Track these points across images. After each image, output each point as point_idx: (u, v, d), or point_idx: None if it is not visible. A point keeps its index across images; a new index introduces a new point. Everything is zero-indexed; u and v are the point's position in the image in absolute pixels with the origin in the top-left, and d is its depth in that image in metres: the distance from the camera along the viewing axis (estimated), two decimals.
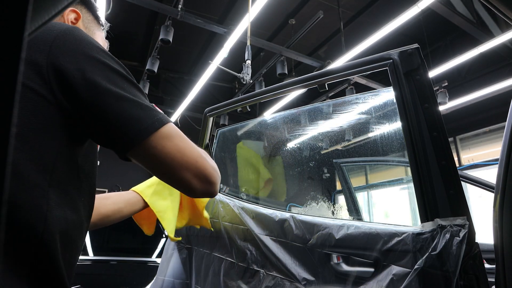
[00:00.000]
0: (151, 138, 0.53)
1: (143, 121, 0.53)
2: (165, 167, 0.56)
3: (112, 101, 0.52)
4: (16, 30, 0.17)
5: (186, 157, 0.57)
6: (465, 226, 0.80)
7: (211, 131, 1.75)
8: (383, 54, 1.06)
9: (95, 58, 0.54)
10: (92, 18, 0.82)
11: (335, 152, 2.63)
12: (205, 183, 0.59)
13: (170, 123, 0.58)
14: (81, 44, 0.54)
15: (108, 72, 0.54)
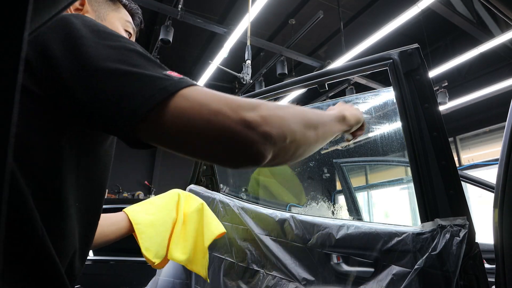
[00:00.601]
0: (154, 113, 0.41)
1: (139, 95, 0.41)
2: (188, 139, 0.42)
3: (107, 80, 0.43)
4: (16, 30, 0.17)
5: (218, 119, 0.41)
6: (465, 226, 0.80)
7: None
8: (383, 54, 1.06)
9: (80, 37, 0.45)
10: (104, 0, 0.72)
11: (335, 152, 2.63)
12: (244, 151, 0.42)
13: (190, 87, 0.43)
14: (67, 27, 0.46)
15: (99, 49, 0.45)
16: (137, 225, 0.97)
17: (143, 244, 1.00)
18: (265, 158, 0.43)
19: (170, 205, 1.16)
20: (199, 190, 1.65)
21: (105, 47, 0.45)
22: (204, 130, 0.41)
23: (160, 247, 1.05)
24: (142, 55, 0.49)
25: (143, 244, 1.00)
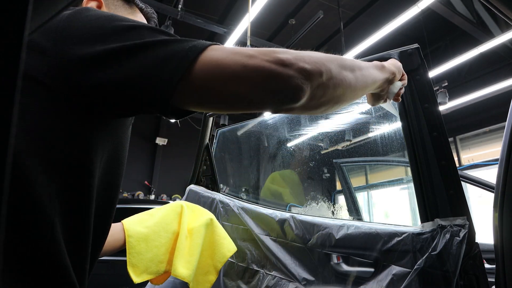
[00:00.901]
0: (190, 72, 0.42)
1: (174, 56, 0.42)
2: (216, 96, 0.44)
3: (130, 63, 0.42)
4: (16, 30, 0.17)
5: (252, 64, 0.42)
6: (465, 226, 0.80)
7: (211, 131, 1.75)
8: (383, 54, 1.06)
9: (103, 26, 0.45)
10: (121, 3, 0.71)
11: (335, 152, 2.63)
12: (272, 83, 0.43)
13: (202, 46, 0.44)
14: (89, 19, 0.46)
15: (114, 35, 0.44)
16: (129, 237, 0.93)
17: (130, 260, 0.95)
18: (304, 92, 0.44)
19: (170, 217, 1.09)
20: (199, 190, 1.65)
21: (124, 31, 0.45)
22: (241, 74, 0.42)
23: (152, 263, 0.99)
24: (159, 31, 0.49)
25: (130, 260, 0.95)
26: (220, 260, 1.12)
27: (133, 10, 0.73)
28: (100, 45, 0.43)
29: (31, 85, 0.42)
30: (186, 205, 1.15)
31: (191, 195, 1.64)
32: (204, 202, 1.59)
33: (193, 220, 1.15)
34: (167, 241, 1.04)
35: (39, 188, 0.42)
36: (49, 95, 0.43)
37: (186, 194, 1.63)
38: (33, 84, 0.42)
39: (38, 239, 0.43)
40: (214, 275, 1.11)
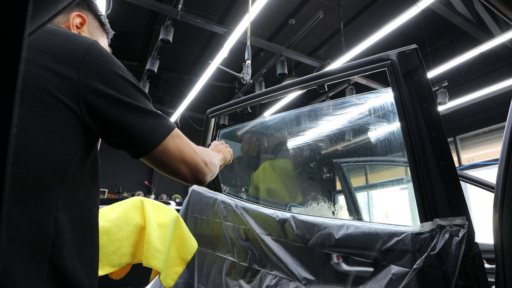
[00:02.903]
0: (161, 145, 0.64)
1: (155, 130, 0.63)
2: (168, 164, 0.67)
3: (130, 114, 0.61)
4: (16, 30, 0.17)
5: (185, 158, 0.69)
6: (464, 226, 0.80)
7: (213, 131, 1.76)
8: (381, 55, 1.06)
9: (117, 74, 0.62)
10: (97, 24, 0.85)
11: (335, 152, 2.63)
12: (193, 172, 0.72)
13: (174, 127, 0.69)
14: (105, 60, 0.61)
15: (126, 87, 0.62)
16: None
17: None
18: (207, 180, 0.77)
19: (131, 212, 1.12)
20: (201, 190, 1.66)
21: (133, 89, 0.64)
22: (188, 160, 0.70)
23: (114, 255, 1.01)
24: (146, 96, 0.68)
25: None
26: (190, 251, 1.20)
27: (104, 33, 0.88)
28: (114, 91, 0.60)
29: (53, 102, 0.54)
30: (147, 200, 1.20)
31: (194, 196, 1.64)
32: (207, 203, 1.60)
33: (159, 215, 1.21)
34: (129, 234, 1.08)
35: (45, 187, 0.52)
36: (66, 112, 0.55)
37: (189, 195, 1.64)
38: (56, 101, 0.54)
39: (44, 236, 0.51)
40: (182, 267, 1.18)
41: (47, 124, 0.53)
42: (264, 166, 2.41)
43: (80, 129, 0.57)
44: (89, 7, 0.82)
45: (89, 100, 0.57)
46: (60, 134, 0.54)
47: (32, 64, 0.55)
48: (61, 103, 0.54)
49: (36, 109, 0.52)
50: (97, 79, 0.58)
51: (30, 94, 0.52)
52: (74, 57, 0.57)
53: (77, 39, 0.61)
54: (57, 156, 0.53)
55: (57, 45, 0.58)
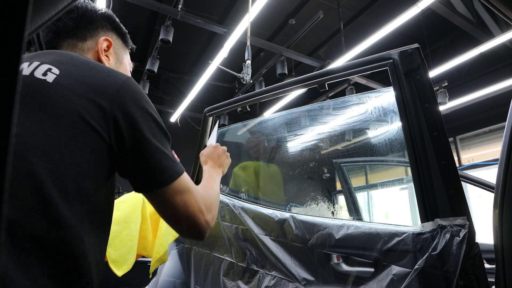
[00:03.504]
0: (167, 187, 0.65)
1: (166, 171, 0.65)
2: (169, 211, 0.68)
3: (150, 151, 0.64)
4: (16, 30, 0.17)
5: (188, 212, 0.68)
6: (465, 226, 0.80)
7: (210, 131, 1.75)
8: (383, 54, 1.06)
9: (146, 111, 0.66)
10: (121, 43, 0.89)
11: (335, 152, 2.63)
12: (195, 233, 0.70)
13: (184, 173, 0.70)
14: (138, 96, 0.66)
15: (152, 125, 0.66)
16: None
17: (109, 256, 1.03)
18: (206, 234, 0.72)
19: (137, 211, 1.20)
20: None
21: (157, 128, 0.67)
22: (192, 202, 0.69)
23: (129, 255, 1.09)
24: (167, 138, 0.70)
25: (110, 257, 1.03)
26: (174, 235, 1.31)
27: (127, 49, 0.93)
28: (141, 125, 0.64)
29: (87, 129, 0.58)
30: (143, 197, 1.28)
31: None
32: None
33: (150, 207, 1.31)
34: (137, 233, 1.16)
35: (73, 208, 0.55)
36: (98, 139, 0.59)
37: None
38: (89, 128, 0.58)
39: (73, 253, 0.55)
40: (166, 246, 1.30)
41: (80, 149, 0.57)
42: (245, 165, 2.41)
43: (106, 155, 0.61)
44: (112, 27, 0.86)
45: (117, 129, 0.61)
46: (90, 159, 0.58)
47: (74, 93, 0.59)
48: (94, 131, 0.58)
49: (72, 135, 0.56)
50: (127, 111, 0.62)
51: (69, 120, 0.57)
52: (110, 90, 0.62)
53: (115, 74, 0.66)
54: (86, 179, 0.58)
55: (97, 78, 0.63)
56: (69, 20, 0.78)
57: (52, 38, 0.78)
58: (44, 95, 0.58)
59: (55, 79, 0.60)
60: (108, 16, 0.86)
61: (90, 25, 0.81)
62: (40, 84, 0.59)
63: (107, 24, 0.85)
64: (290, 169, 2.75)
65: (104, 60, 0.81)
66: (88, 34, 0.80)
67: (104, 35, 0.83)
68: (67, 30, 0.78)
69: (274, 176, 2.52)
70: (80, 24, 0.79)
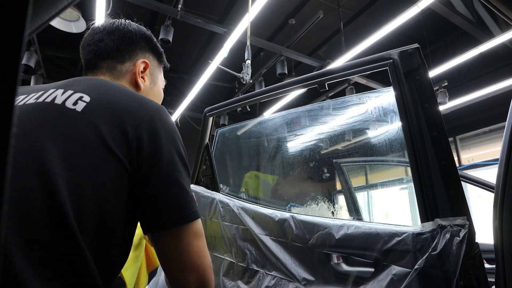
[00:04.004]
0: (184, 227, 0.62)
1: (185, 209, 0.62)
2: (179, 257, 0.62)
3: (173, 187, 0.62)
4: (16, 30, 0.17)
5: (199, 262, 0.62)
6: (465, 226, 0.80)
7: (210, 131, 1.75)
8: (383, 54, 1.06)
9: (173, 145, 0.64)
10: (157, 63, 0.90)
11: (335, 152, 2.63)
12: (199, 283, 0.62)
13: (200, 218, 0.66)
14: (164, 128, 0.64)
15: (178, 160, 0.64)
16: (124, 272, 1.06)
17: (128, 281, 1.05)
18: None
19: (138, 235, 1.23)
20: (199, 190, 1.65)
21: (181, 164, 0.65)
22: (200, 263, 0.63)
23: (144, 277, 1.14)
24: (188, 174, 0.67)
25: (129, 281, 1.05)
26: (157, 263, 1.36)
27: (161, 67, 0.92)
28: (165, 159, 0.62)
29: (110, 157, 0.57)
30: None
31: None
32: (204, 202, 1.59)
33: None
34: (143, 255, 1.20)
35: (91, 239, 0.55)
36: (119, 167, 0.58)
37: None
38: (112, 156, 0.57)
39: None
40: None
41: (104, 181, 0.56)
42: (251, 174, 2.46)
43: (127, 186, 0.59)
44: (150, 47, 0.87)
45: (141, 162, 0.60)
46: (113, 191, 0.57)
47: (101, 120, 0.59)
48: (116, 159, 0.57)
49: (93, 162, 0.56)
50: (154, 144, 0.61)
51: (91, 147, 0.56)
52: (138, 118, 0.61)
53: (146, 102, 0.65)
54: (109, 211, 0.57)
55: (127, 104, 0.63)
56: (110, 41, 0.79)
57: (93, 58, 0.79)
58: (72, 125, 0.58)
59: (84, 107, 0.60)
60: (147, 37, 0.86)
61: (129, 47, 0.82)
62: (70, 115, 0.59)
63: (146, 45, 0.86)
64: (290, 169, 2.75)
65: (140, 82, 0.82)
66: (127, 56, 0.81)
67: (142, 56, 0.84)
68: (108, 52, 0.79)
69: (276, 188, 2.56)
70: (120, 46, 0.80)
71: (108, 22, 0.83)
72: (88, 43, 0.81)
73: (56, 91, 0.63)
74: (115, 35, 0.80)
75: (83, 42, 0.82)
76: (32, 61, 4.31)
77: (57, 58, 6.15)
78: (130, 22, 0.85)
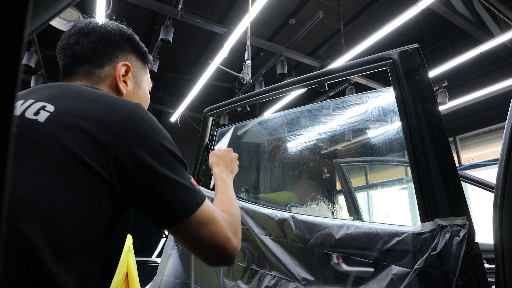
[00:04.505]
0: (188, 220, 0.60)
1: (183, 204, 0.60)
2: (195, 245, 0.63)
3: (163, 185, 0.58)
4: (16, 30, 0.17)
5: (214, 242, 0.63)
6: (465, 226, 0.80)
7: (210, 130, 1.76)
8: (383, 54, 1.06)
9: (156, 141, 0.59)
10: (140, 64, 0.83)
11: (335, 152, 2.63)
12: (223, 260, 0.65)
13: (205, 201, 0.64)
14: (145, 126, 0.60)
15: (164, 155, 0.60)
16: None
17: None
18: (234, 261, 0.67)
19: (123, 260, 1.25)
20: None
21: (170, 157, 0.61)
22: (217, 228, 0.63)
23: None
24: (183, 164, 0.64)
25: None
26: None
27: (146, 68, 0.86)
28: (151, 158, 0.58)
29: (85, 171, 0.52)
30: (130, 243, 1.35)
31: None
32: None
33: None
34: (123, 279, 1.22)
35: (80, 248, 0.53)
36: (96, 180, 0.53)
37: None
38: (87, 170, 0.53)
39: None
40: None
41: (73, 193, 0.51)
42: None
43: (107, 197, 0.55)
44: (132, 48, 0.80)
45: (122, 168, 0.55)
46: (85, 203, 0.53)
47: (69, 131, 0.53)
48: (91, 171, 0.53)
49: (65, 179, 0.51)
50: (132, 146, 0.56)
51: (61, 163, 0.51)
52: (111, 123, 0.56)
53: (118, 104, 0.59)
54: (85, 227, 0.53)
55: (98, 111, 0.57)
56: (86, 44, 0.72)
57: (69, 63, 0.73)
58: (34, 138, 0.52)
59: (48, 118, 0.54)
60: (128, 36, 0.79)
61: (108, 49, 0.74)
62: (30, 126, 0.53)
63: (126, 45, 0.78)
64: (290, 169, 2.75)
65: (122, 87, 0.75)
66: (106, 59, 0.74)
67: (122, 58, 0.77)
68: (85, 56, 0.72)
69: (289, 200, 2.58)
70: (97, 48, 0.73)
71: (83, 23, 0.75)
72: (64, 46, 0.74)
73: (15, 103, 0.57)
74: (92, 37, 0.73)
75: (59, 46, 0.75)
76: (32, 61, 4.32)
77: (57, 58, 6.14)
78: (108, 20, 0.78)
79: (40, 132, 0.53)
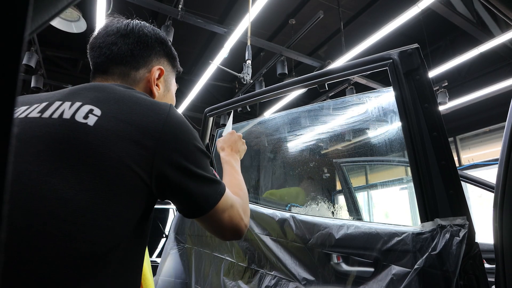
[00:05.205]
0: (213, 210, 0.66)
1: (210, 197, 0.66)
2: (216, 228, 0.71)
3: (194, 183, 0.63)
4: (16, 30, 0.17)
5: (232, 224, 0.71)
6: (465, 226, 0.80)
7: (211, 131, 1.76)
8: (383, 54, 1.06)
9: (190, 143, 0.64)
10: (170, 68, 0.85)
11: (335, 152, 2.63)
12: (235, 236, 0.74)
13: (226, 190, 0.71)
14: (182, 129, 0.64)
15: (196, 154, 0.65)
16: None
17: None
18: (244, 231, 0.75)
19: None
20: None
21: (199, 154, 0.66)
22: (235, 212, 0.72)
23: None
24: (207, 157, 0.69)
25: None
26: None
27: (175, 71, 0.89)
28: (188, 162, 0.63)
29: (128, 174, 0.55)
30: None
31: None
32: None
33: None
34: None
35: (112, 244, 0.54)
36: (137, 182, 0.56)
37: None
38: (130, 173, 0.55)
39: None
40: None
41: (116, 196, 0.54)
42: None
43: (144, 196, 0.58)
44: (165, 52, 0.82)
45: (162, 170, 0.59)
46: (126, 205, 0.55)
47: (117, 136, 0.56)
48: (134, 174, 0.55)
49: (111, 182, 0.53)
50: (174, 150, 0.61)
51: (109, 167, 0.53)
52: (154, 128, 0.59)
53: (157, 108, 0.62)
54: (122, 226, 0.55)
55: (141, 115, 0.59)
56: (124, 45, 0.73)
57: (104, 62, 0.73)
58: (84, 142, 0.54)
59: (96, 122, 0.56)
60: (162, 40, 0.81)
61: (145, 52, 0.76)
62: (81, 130, 0.55)
63: (161, 49, 0.80)
64: (290, 169, 2.75)
65: (155, 90, 0.77)
66: (141, 62, 0.75)
67: (157, 62, 0.79)
68: (121, 57, 0.73)
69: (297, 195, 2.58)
70: (135, 51, 0.74)
71: (122, 24, 0.76)
72: (100, 45, 0.74)
73: (63, 104, 0.59)
74: (130, 39, 0.74)
75: (93, 43, 0.75)
76: (33, 61, 4.32)
77: (57, 58, 6.15)
78: (145, 23, 0.80)
79: (90, 136, 0.54)
